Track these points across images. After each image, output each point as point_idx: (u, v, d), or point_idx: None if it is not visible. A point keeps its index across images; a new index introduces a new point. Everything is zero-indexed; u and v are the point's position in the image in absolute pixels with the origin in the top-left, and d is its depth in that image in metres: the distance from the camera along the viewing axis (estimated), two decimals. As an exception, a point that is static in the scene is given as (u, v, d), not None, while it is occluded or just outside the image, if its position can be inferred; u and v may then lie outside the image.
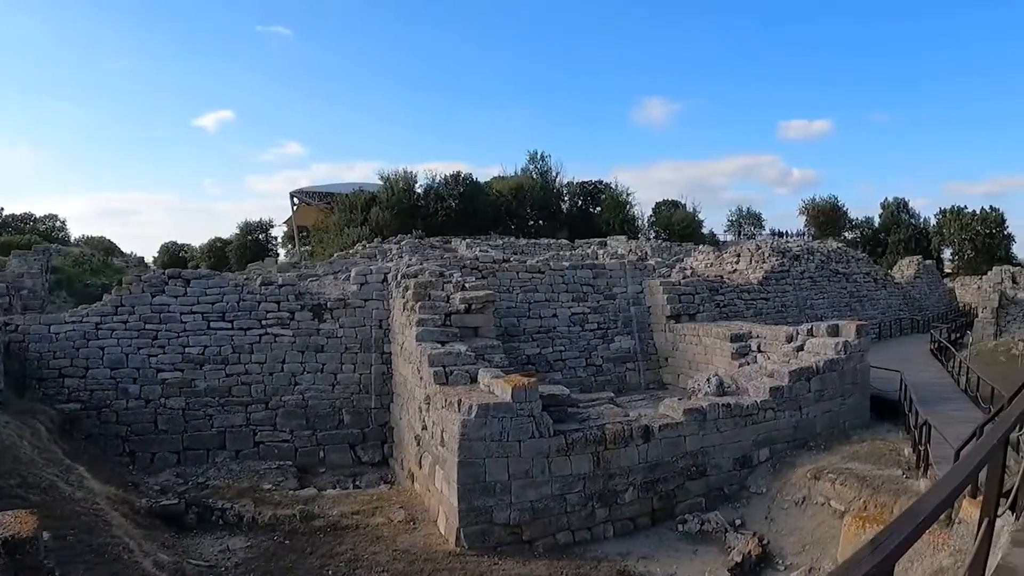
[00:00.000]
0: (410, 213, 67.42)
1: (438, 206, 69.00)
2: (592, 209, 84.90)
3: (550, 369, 31.97)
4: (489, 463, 18.66)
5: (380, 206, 66.65)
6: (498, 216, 74.18)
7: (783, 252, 46.77)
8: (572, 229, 75.18)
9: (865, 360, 26.80)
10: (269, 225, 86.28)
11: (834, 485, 19.62)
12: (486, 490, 18.66)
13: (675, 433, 20.87)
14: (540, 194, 78.11)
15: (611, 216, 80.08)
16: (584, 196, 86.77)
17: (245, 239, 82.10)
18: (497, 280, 32.24)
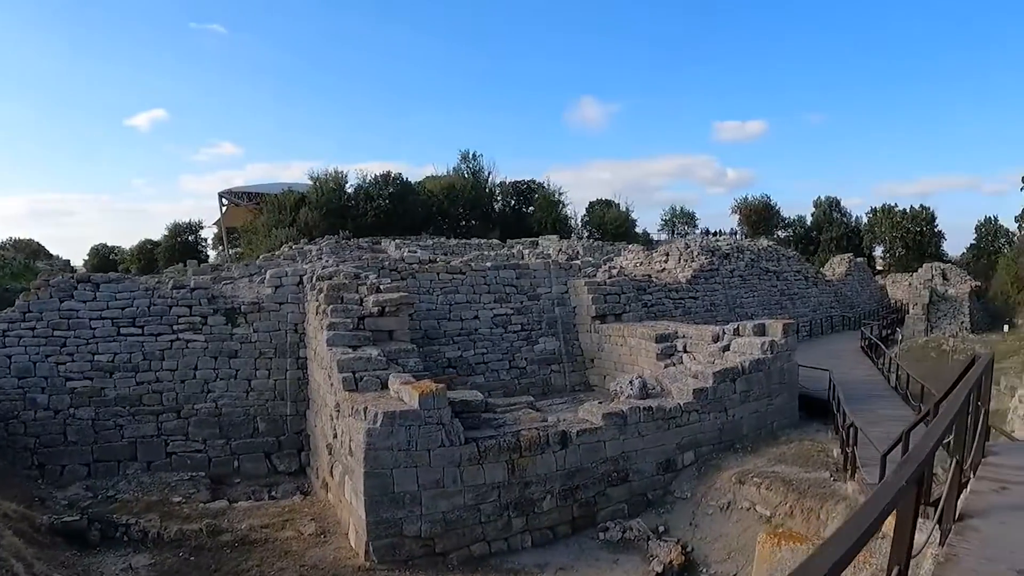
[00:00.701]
0: (340, 213, 66.72)
1: (368, 206, 68.09)
2: (525, 209, 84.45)
3: (472, 372, 31.09)
4: (397, 473, 17.67)
5: (309, 206, 65.79)
6: (429, 216, 73.54)
7: (712, 251, 46.16)
8: (504, 229, 74.57)
9: (792, 359, 26.18)
10: (199, 226, 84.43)
11: (759, 489, 18.91)
12: (395, 501, 17.67)
13: (594, 438, 19.98)
14: (472, 194, 77.50)
15: (543, 216, 79.61)
16: (517, 196, 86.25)
17: (174, 241, 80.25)
18: (417, 281, 31.25)
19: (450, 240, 59.96)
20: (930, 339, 47.91)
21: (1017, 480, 7.66)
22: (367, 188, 70.29)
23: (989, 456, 8.67)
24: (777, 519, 17.85)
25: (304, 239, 54.33)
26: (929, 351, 43.25)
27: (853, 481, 17.41)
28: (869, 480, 16.25)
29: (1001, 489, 7.37)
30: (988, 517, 6.60)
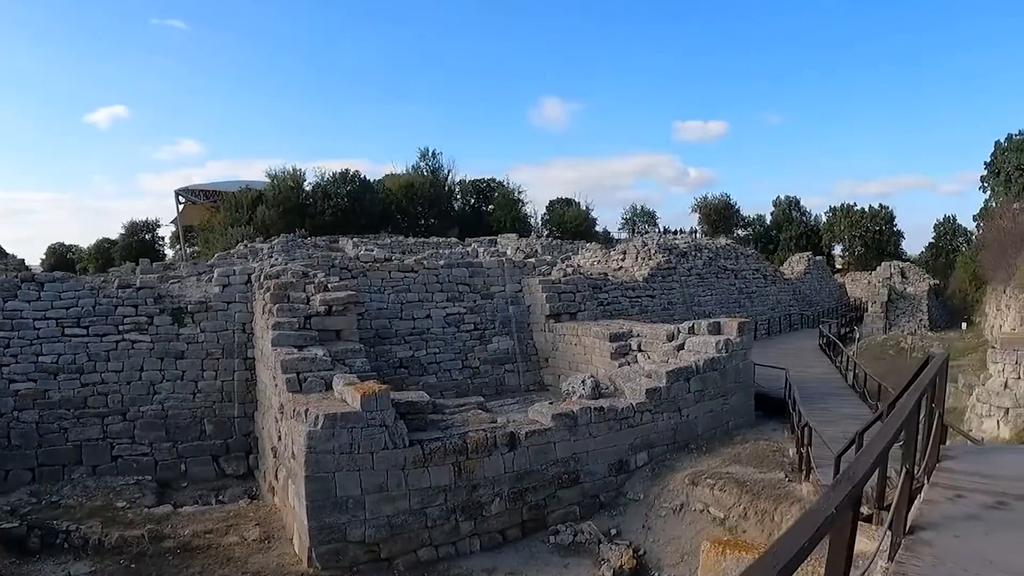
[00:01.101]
0: (298, 212, 65.87)
1: (326, 204, 67.39)
2: (485, 207, 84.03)
3: (424, 372, 30.57)
4: (340, 477, 17.08)
5: (266, 205, 64.76)
6: (388, 214, 72.85)
7: (670, 249, 45.80)
8: (464, 227, 74.07)
9: (748, 358, 25.83)
10: (156, 225, 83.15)
11: (713, 491, 18.44)
12: (338, 506, 17.07)
13: (544, 440, 19.44)
14: (431, 192, 76.61)
15: (503, 214, 79.11)
16: (477, 194, 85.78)
17: (131, 240, 78.96)
18: (368, 280, 30.68)
19: (408, 239, 59.33)
20: (888, 337, 47.96)
21: (972, 487, 7.20)
22: (325, 186, 69.41)
23: (944, 461, 8.21)
24: (731, 521, 17.46)
25: (260, 237, 53.52)
26: (887, 349, 43.20)
27: (808, 482, 17.06)
28: (824, 481, 15.84)
29: (956, 498, 6.90)
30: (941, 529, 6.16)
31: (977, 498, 6.84)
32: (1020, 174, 65.67)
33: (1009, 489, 7.05)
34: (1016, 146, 68.20)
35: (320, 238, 54.68)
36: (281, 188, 67.28)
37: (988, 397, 20.38)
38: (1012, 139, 69.31)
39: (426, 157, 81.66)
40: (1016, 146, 68.20)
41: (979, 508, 6.55)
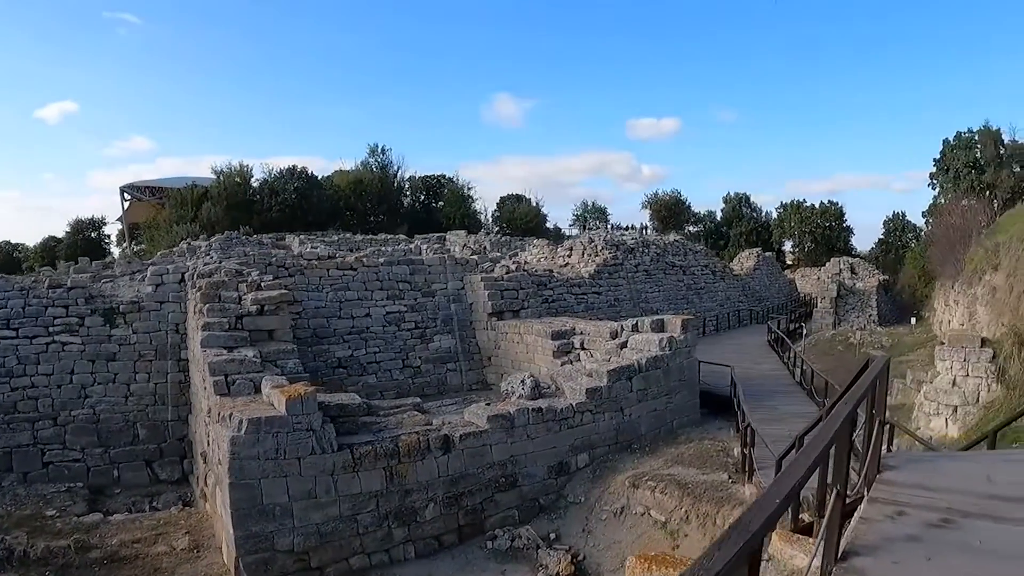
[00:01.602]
0: (244, 208, 64.65)
1: (272, 201, 66.19)
2: (434, 204, 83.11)
3: (363, 372, 29.91)
4: (266, 484, 16.34)
5: (212, 201, 63.46)
6: (336, 211, 71.87)
7: (617, 245, 45.25)
8: (414, 224, 73.10)
9: (693, 356, 25.35)
10: (101, 223, 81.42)
11: (654, 493, 17.98)
12: (265, 514, 16.33)
13: (479, 442, 18.83)
14: (380, 189, 75.61)
15: (452, 211, 78.19)
16: (426, 191, 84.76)
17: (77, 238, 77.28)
18: (305, 278, 29.93)
19: (356, 236, 58.44)
20: (837, 332, 47.90)
21: (915, 502, 6.52)
22: (272, 183, 68.23)
23: (885, 472, 7.58)
24: (672, 525, 16.99)
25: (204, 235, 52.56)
26: (836, 344, 43.08)
27: (751, 484, 16.57)
28: (766, 484, 15.31)
29: (896, 515, 6.22)
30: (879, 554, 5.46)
31: (920, 515, 6.19)
32: (968, 171, 66.60)
33: (955, 504, 6.40)
34: (964, 143, 69.52)
35: (267, 236, 53.80)
36: (227, 185, 66.01)
37: (936, 395, 19.96)
38: (960, 137, 70.60)
39: (375, 153, 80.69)
40: (964, 143, 69.52)
41: (922, 527, 5.89)
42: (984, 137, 68.48)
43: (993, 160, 66.78)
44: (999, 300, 25.95)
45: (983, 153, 68.15)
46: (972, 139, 69.54)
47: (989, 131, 68.36)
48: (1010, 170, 65.45)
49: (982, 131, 69.12)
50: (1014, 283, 24.59)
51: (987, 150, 67.76)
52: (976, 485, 7.03)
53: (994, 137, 67.81)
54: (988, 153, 67.54)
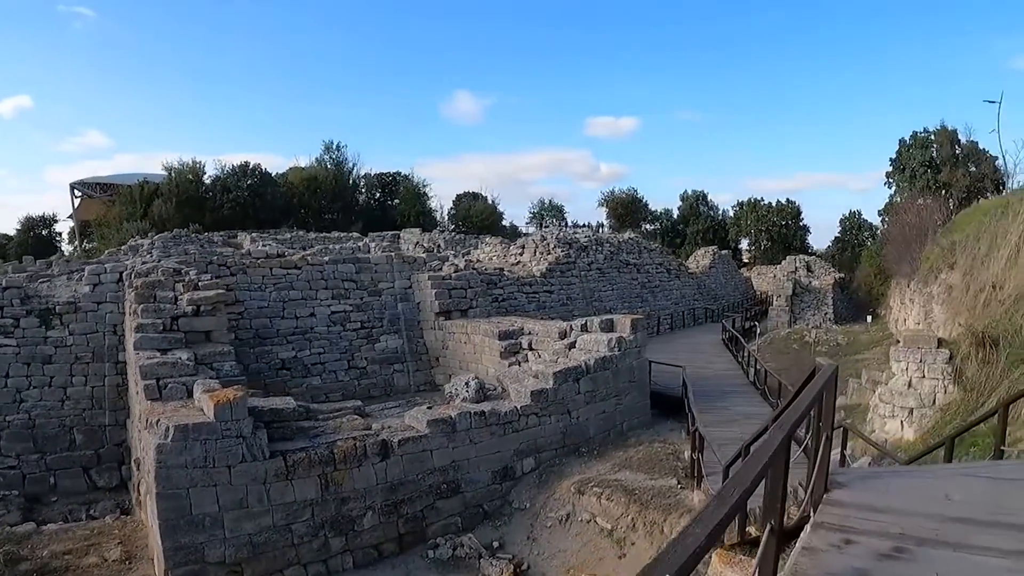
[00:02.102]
0: (196, 205, 64.01)
1: (225, 198, 65.60)
2: (390, 201, 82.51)
3: (307, 374, 29.17)
4: (194, 493, 15.51)
5: (163, 198, 62.59)
6: (290, 209, 71.37)
7: (570, 243, 44.66)
8: (368, 222, 72.38)
9: (643, 356, 24.77)
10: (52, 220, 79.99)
11: (600, 500, 17.36)
12: (194, 525, 15.51)
13: (419, 447, 18.08)
14: (334, 186, 74.89)
15: (407, 208, 77.63)
16: (382, 188, 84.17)
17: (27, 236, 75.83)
18: (248, 277, 29.05)
19: (310, 234, 57.92)
20: (793, 330, 47.50)
21: (865, 528, 5.79)
22: (225, 180, 67.63)
23: (833, 491, 6.90)
24: (619, 533, 16.39)
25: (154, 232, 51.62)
26: (792, 342, 42.70)
27: (699, 491, 15.98)
28: (715, 490, 14.77)
29: (844, 544, 5.47)
30: None
31: (870, 544, 5.48)
32: (924, 170, 66.80)
33: (908, 528, 5.69)
34: (920, 143, 69.85)
35: (218, 233, 53.10)
36: (179, 182, 65.19)
37: (891, 397, 19.35)
38: (917, 136, 70.83)
39: (330, 150, 79.98)
40: (920, 143, 69.85)
41: (872, 559, 5.19)
42: (940, 137, 68.73)
43: (949, 159, 67.01)
44: (955, 299, 25.57)
45: (939, 152, 68.41)
46: (928, 139, 69.79)
47: (945, 131, 68.58)
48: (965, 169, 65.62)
49: (938, 131, 69.34)
50: (970, 282, 24.19)
51: (943, 149, 68.03)
52: (933, 506, 6.36)
53: (950, 137, 68.03)
54: (944, 152, 67.82)
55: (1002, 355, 16.61)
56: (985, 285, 21.94)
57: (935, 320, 28.85)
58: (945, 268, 29.07)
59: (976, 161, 65.99)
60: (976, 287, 23.02)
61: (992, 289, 21.05)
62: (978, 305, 21.82)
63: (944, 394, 18.42)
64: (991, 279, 21.52)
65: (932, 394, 18.60)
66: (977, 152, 66.15)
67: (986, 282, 21.97)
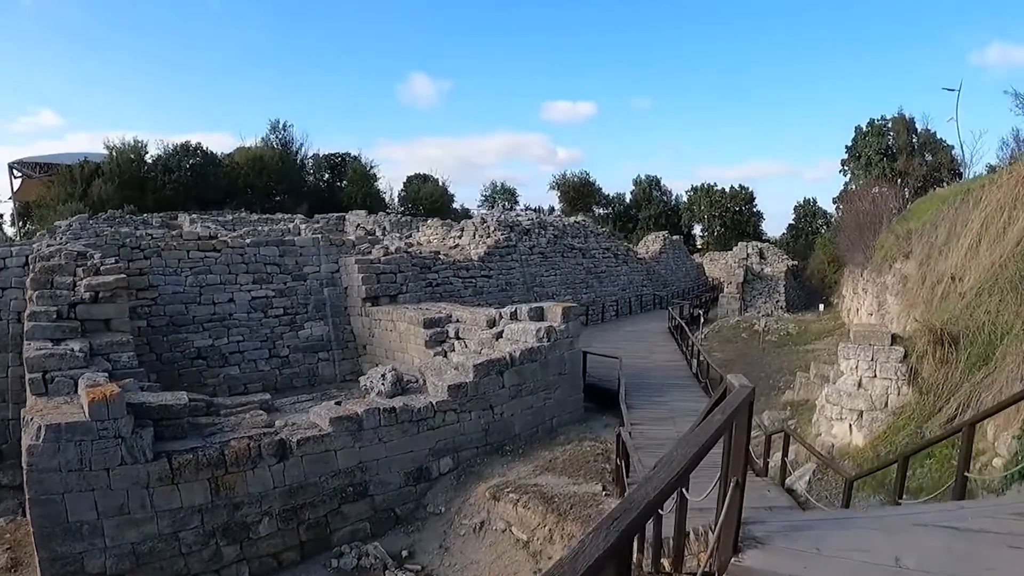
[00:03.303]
0: (137, 186, 62.08)
1: (166, 179, 63.81)
2: (339, 183, 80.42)
3: (225, 363, 27.55)
4: (71, 499, 14.01)
5: (103, 178, 60.67)
6: (234, 189, 69.22)
7: (511, 226, 43.28)
8: (316, 204, 70.46)
9: (575, 347, 23.28)
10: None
11: (516, 508, 15.94)
12: (71, 533, 14.03)
13: (321, 447, 16.52)
14: (280, 166, 73.12)
15: (354, 190, 76.00)
16: (331, 169, 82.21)
17: (-31, 219, 73.65)
18: (162, 260, 27.24)
19: (252, 215, 56.29)
20: (742, 319, 46.57)
21: None
22: (166, 159, 65.69)
23: (749, 549, 5.41)
24: (535, 545, 15.01)
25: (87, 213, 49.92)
26: (740, 331, 41.65)
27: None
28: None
29: None
30: None
31: None
32: (880, 158, 66.59)
33: None
34: (877, 130, 70.11)
35: (158, 215, 51.64)
36: (120, 162, 63.11)
37: (839, 398, 17.68)
38: (873, 124, 71.02)
39: (276, 130, 78.00)
40: (877, 130, 70.11)
41: None
42: (897, 125, 68.63)
43: (905, 148, 66.80)
44: (910, 290, 24.20)
45: (896, 140, 68.13)
46: (885, 126, 69.62)
47: (902, 119, 68.52)
48: (922, 159, 65.35)
49: (895, 119, 69.26)
50: (927, 272, 22.77)
51: (899, 137, 67.88)
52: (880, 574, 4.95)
53: (907, 125, 67.89)
54: (901, 141, 67.62)
55: (962, 355, 14.99)
56: (943, 276, 20.43)
57: (888, 312, 27.61)
58: (900, 257, 27.80)
59: (933, 150, 65.95)
60: (933, 278, 21.57)
61: (951, 281, 19.51)
62: (935, 298, 20.33)
63: (897, 396, 16.69)
64: (950, 270, 20.01)
65: (884, 396, 16.89)
66: (934, 141, 66.10)
67: (944, 273, 20.47)
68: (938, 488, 11.08)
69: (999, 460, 11.15)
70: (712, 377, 24.70)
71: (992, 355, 13.85)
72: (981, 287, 16.36)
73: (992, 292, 15.55)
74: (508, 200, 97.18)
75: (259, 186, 71.72)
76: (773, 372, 29.47)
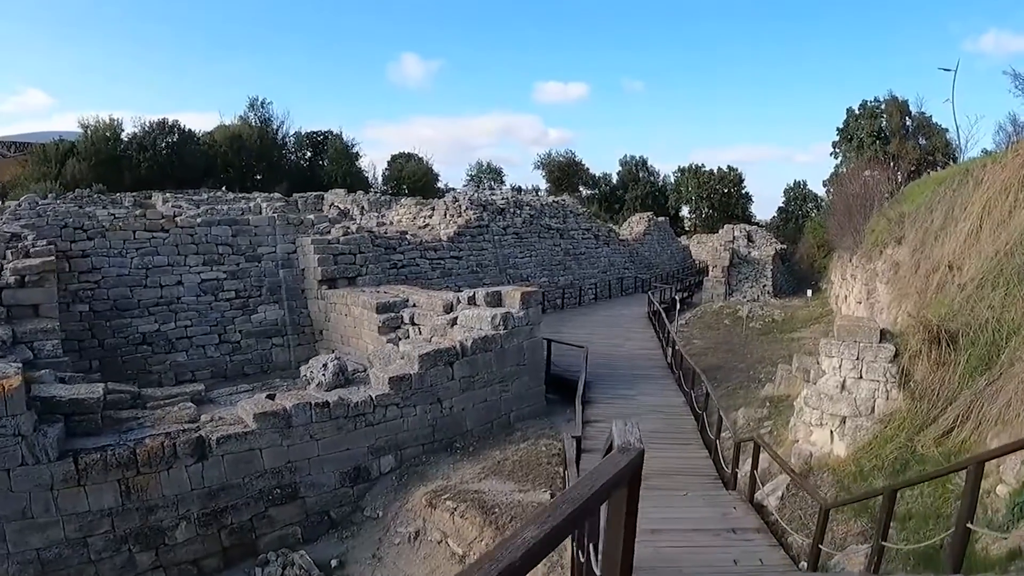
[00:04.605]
0: (112, 165, 61.11)
1: (141, 157, 62.67)
2: (320, 161, 79.14)
3: (171, 349, 26.24)
4: (-32, 502, 12.66)
5: (77, 157, 59.72)
6: (211, 168, 68.14)
7: (484, 205, 41.76)
8: (296, 182, 69.35)
9: (536, 335, 21.68)
10: (-25, 181, 76.56)
11: (453, 517, 14.51)
12: (-34, 539, 12.69)
13: (244, 445, 15.07)
14: (259, 144, 71.81)
15: (335, 168, 74.65)
16: (313, 147, 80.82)
17: (-53, 199, 72.33)
18: (107, 241, 25.80)
19: (229, 194, 54.73)
20: (726, 304, 45.06)
21: None
22: (142, 138, 64.55)
23: None
24: (471, 560, 13.62)
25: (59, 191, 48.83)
26: (723, 318, 40.14)
27: None
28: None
29: None
30: None
31: None
32: (873, 140, 65.30)
33: None
34: (869, 112, 68.66)
35: (131, 194, 50.16)
36: (95, 140, 62.21)
37: (819, 401, 15.55)
38: (866, 106, 69.64)
39: (255, 107, 76.43)
40: (869, 112, 68.66)
41: None
42: (890, 107, 67.22)
43: (899, 130, 65.39)
44: (902, 279, 22.29)
45: (888, 123, 66.81)
46: (878, 108, 68.24)
47: (896, 101, 67.04)
48: (916, 142, 64.04)
49: (888, 101, 67.88)
50: (920, 260, 20.78)
51: (893, 120, 66.43)
52: None
53: (900, 108, 66.42)
54: (894, 123, 66.20)
55: (961, 356, 12.98)
56: (939, 264, 18.43)
57: (879, 301, 25.80)
58: (892, 242, 26.02)
59: (927, 134, 64.57)
60: (928, 266, 19.55)
61: (948, 270, 17.56)
62: (930, 288, 18.37)
63: (886, 401, 14.46)
64: (947, 257, 18.03)
65: (871, 400, 14.63)
66: (928, 125, 64.71)
67: (940, 261, 18.48)
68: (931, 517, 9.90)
69: (1004, 488, 9.48)
70: (686, 368, 23.21)
71: (996, 358, 12.17)
72: (983, 278, 14.32)
73: (996, 284, 13.74)
74: (495, 180, 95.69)
75: (237, 165, 70.65)
76: (755, 362, 27.89)
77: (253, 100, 77.00)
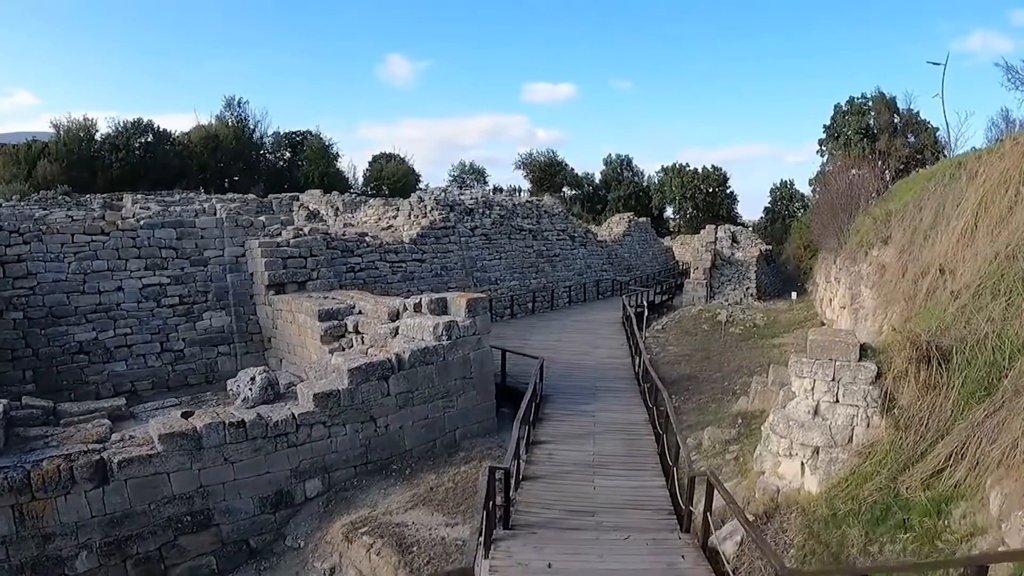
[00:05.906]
0: (86, 165, 60.82)
1: (114, 157, 62.20)
2: (299, 162, 78.08)
3: (110, 359, 25.15)
4: None
5: (49, 158, 59.13)
6: (185, 169, 67.43)
7: (451, 206, 40.23)
8: (273, 183, 68.98)
9: (484, 345, 20.33)
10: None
11: (369, 555, 13.40)
12: None
13: (150, 469, 13.91)
14: (235, 144, 70.85)
15: (312, 169, 73.71)
16: (291, 148, 79.92)
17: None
18: (43, 245, 24.68)
19: (201, 195, 53.76)
20: (705, 308, 43.86)
21: None
22: (115, 138, 64.11)
23: None
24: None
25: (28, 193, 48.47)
26: (702, 322, 38.91)
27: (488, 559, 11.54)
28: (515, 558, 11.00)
29: None
30: None
31: None
32: (860, 138, 64.23)
33: None
34: (857, 109, 67.78)
35: (100, 195, 49.84)
36: (67, 140, 61.79)
37: (788, 430, 13.39)
38: (853, 102, 68.84)
39: (231, 106, 75.45)
40: (857, 109, 67.78)
41: None
42: (878, 104, 66.23)
43: (887, 127, 64.40)
44: (888, 282, 20.53)
45: (876, 120, 65.85)
46: (865, 105, 67.32)
47: (883, 98, 66.05)
48: (904, 139, 63.07)
49: (876, 97, 66.84)
50: (908, 262, 18.96)
51: (881, 117, 65.46)
52: None
53: (888, 105, 65.44)
54: (882, 120, 65.23)
55: (955, 378, 11.33)
56: (929, 267, 16.63)
57: (863, 306, 24.24)
58: (878, 243, 24.36)
59: (916, 131, 63.59)
60: (916, 269, 17.71)
61: (939, 274, 15.86)
62: (919, 294, 16.58)
63: (866, 429, 12.21)
64: (937, 260, 16.23)
65: (849, 429, 12.32)
66: (917, 122, 63.70)
67: (930, 263, 16.69)
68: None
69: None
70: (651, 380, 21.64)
71: (998, 382, 10.57)
72: (981, 284, 12.43)
73: (996, 292, 12.10)
74: (478, 180, 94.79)
75: (213, 165, 69.96)
76: (731, 371, 26.12)
77: (230, 99, 76.43)
